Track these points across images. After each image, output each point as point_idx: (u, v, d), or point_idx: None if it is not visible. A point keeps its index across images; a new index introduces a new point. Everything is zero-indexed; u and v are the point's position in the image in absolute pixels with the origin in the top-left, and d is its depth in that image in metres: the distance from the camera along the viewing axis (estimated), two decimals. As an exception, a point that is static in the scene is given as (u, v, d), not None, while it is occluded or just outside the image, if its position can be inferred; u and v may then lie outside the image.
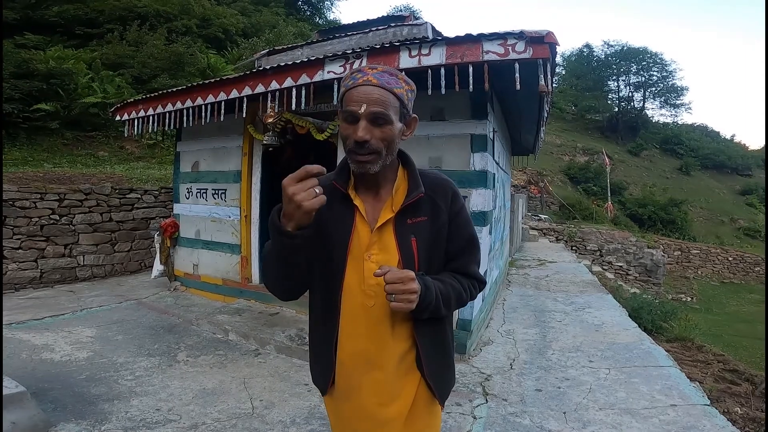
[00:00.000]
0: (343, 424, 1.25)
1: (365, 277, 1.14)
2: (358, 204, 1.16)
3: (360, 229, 1.15)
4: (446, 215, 1.19)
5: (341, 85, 1.16)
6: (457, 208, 1.21)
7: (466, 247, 1.23)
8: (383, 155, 1.10)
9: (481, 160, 3.75)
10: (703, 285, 17.76)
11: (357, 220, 1.16)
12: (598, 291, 6.84)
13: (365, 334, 1.15)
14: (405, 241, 1.14)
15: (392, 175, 1.19)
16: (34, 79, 9.94)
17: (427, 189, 1.17)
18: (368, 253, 1.14)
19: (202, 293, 5.53)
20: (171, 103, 4.75)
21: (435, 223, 1.17)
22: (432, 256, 1.18)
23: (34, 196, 5.80)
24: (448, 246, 1.21)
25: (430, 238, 1.17)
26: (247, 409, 2.87)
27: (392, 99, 1.09)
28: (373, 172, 1.11)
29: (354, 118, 1.08)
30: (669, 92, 40.62)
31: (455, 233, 1.21)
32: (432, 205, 1.17)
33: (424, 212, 1.16)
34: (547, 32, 2.77)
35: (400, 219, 1.15)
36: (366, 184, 1.19)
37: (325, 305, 1.20)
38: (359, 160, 1.09)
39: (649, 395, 3.17)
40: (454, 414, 2.85)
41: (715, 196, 31.71)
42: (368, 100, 1.06)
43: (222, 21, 18.80)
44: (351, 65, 3.41)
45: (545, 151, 25.51)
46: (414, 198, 1.14)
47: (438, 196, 1.18)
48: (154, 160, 10.80)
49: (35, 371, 3.27)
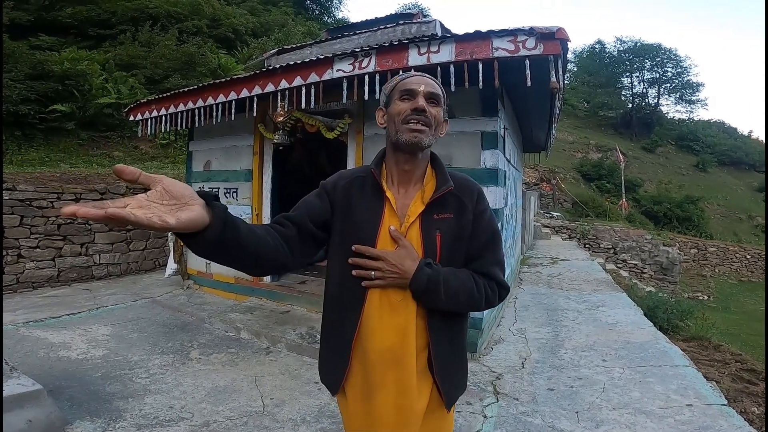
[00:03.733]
0: (361, 425, 1.21)
1: None
2: (389, 196, 1.19)
3: (389, 222, 1.17)
4: (471, 214, 1.21)
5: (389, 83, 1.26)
6: (482, 207, 1.24)
7: (487, 246, 1.23)
8: (432, 132, 1.17)
9: (492, 158, 3.73)
10: (720, 283, 17.41)
11: (386, 213, 1.18)
12: (612, 289, 6.74)
13: (393, 329, 1.14)
14: (430, 235, 1.17)
15: (423, 171, 1.23)
16: (50, 80, 10.11)
17: (454, 188, 1.20)
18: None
19: (215, 291, 5.58)
20: (183, 103, 4.79)
21: (460, 221, 1.20)
22: (453, 252, 1.19)
23: (51, 196, 5.90)
24: (470, 244, 1.21)
25: (454, 235, 1.19)
26: (258, 407, 2.89)
27: (440, 92, 1.21)
28: (424, 144, 1.16)
29: (411, 94, 1.17)
30: (684, 88, 39.80)
31: (477, 231, 1.22)
32: (458, 203, 1.20)
33: (451, 209, 1.19)
34: (558, 28, 2.73)
35: (427, 214, 1.18)
36: (400, 177, 1.22)
37: (348, 298, 1.18)
38: (414, 128, 1.14)
39: (665, 395, 3.12)
40: (465, 413, 2.83)
41: (733, 193, 31.08)
42: (426, 83, 1.18)
43: (232, 21, 18.96)
44: (360, 63, 3.40)
45: (557, 148, 25.27)
46: (443, 191, 1.18)
47: (465, 194, 1.22)
48: (168, 160, 10.94)
49: (52, 369, 3.33)
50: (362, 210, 1.18)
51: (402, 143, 1.15)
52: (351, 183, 1.23)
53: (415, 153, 1.18)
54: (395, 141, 1.17)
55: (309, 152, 6.53)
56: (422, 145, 1.15)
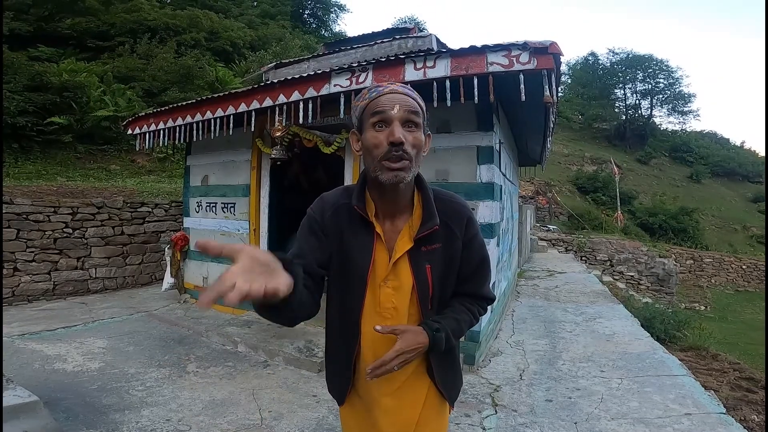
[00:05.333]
0: None
1: (381, 302, 1.17)
2: (379, 231, 1.15)
3: (380, 256, 1.16)
4: (460, 242, 1.18)
5: (360, 101, 1.13)
6: (471, 234, 1.21)
7: (477, 271, 1.25)
8: (414, 164, 1.08)
9: (488, 172, 3.76)
10: (717, 294, 17.46)
11: (377, 247, 1.15)
12: (609, 301, 6.77)
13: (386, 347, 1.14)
14: (420, 268, 1.15)
15: (409, 199, 1.18)
16: (48, 92, 10.14)
17: (441, 215, 1.15)
18: (385, 279, 1.16)
19: (212, 305, 5.55)
20: (181, 117, 4.82)
21: (449, 250, 1.17)
22: (445, 280, 1.19)
23: (48, 210, 5.89)
24: (461, 269, 1.22)
25: (444, 264, 1.17)
26: (256, 420, 2.88)
27: (417, 107, 1.09)
28: (405, 181, 1.07)
29: (385, 121, 1.06)
30: (676, 99, 40.42)
31: (468, 258, 1.21)
32: (447, 231, 1.17)
33: (439, 239, 1.16)
34: (551, 42, 2.79)
35: (415, 247, 1.15)
36: (385, 208, 1.16)
37: (345, 327, 1.21)
38: (394, 167, 1.04)
39: (663, 405, 3.13)
40: (463, 425, 2.83)
41: (727, 204, 31.32)
42: (400, 102, 1.06)
43: (230, 34, 19.17)
44: (357, 78, 3.45)
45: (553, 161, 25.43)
46: (428, 230, 1.13)
47: (453, 222, 1.17)
48: (165, 174, 10.94)
49: (48, 381, 3.31)
50: (353, 243, 1.15)
51: (383, 182, 1.07)
52: (337, 211, 1.18)
53: (397, 188, 1.10)
54: (374, 178, 1.09)
55: (306, 167, 6.56)
56: (405, 182, 1.08)
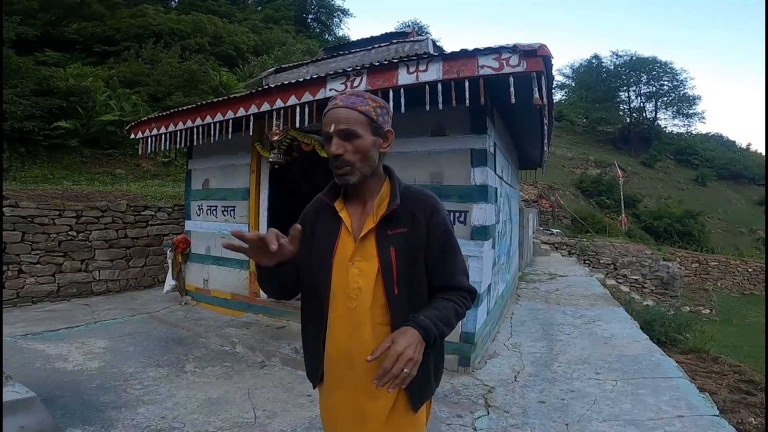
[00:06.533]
0: (329, 417, 1.34)
1: (348, 282, 1.24)
2: (343, 216, 1.29)
3: (344, 239, 1.28)
4: (424, 228, 1.26)
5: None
6: (436, 221, 1.28)
7: (445, 259, 1.29)
8: (358, 166, 1.24)
9: (482, 175, 3.78)
10: (722, 297, 17.31)
11: (342, 231, 1.29)
12: (610, 304, 6.75)
13: (348, 333, 1.25)
14: (384, 250, 1.24)
15: (377, 189, 1.31)
16: (54, 96, 10.25)
17: (408, 203, 1.27)
18: (352, 260, 1.25)
19: (212, 307, 5.62)
20: (182, 122, 4.90)
21: (413, 235, 1.26)
22: (411, 265, 1.25)
23: (53, 213, 5.99)
24: (427, 257, 1.27)
25: (408, 248, 1.25)
26: (250, 418, 2.92)
27: (357, 116, 1.23)
28: (352, 182, 1.25)
29: (328, 137, 1.24)
30: (681, 102, 40.15)
31: (432, 243, 1.27)
32: (411, 217, 1.27)
33: (404, 224, 1.26)
34: (540, 45, 2.82)
35: (382, 230, 1.25)
36: (354, 197, 1.32)
37: (314, 308, 1.32)
38: (339, 173, 1.25)
39: (656, 406, 3.14)
40: (455, 425, 2.85)
41: (733, 207, 31.09)
42: (336, 120, 1.22)
43: (233, 39, 19.35)
44: (352, 82, 3.50)
45: (556, 165, 25.43)
46: (389, 210, 1.25)
47: (418, 209, 1.28)
48: (169, 178, 11.04)
49: (48, 379, 3.38)
50: (323, 229, 1.32)
51: (337, 182, 1.28)
52: (318, 206, 1.37)
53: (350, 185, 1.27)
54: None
55: (305, 170, 6.62)
56: (352, 182, 1.25)
